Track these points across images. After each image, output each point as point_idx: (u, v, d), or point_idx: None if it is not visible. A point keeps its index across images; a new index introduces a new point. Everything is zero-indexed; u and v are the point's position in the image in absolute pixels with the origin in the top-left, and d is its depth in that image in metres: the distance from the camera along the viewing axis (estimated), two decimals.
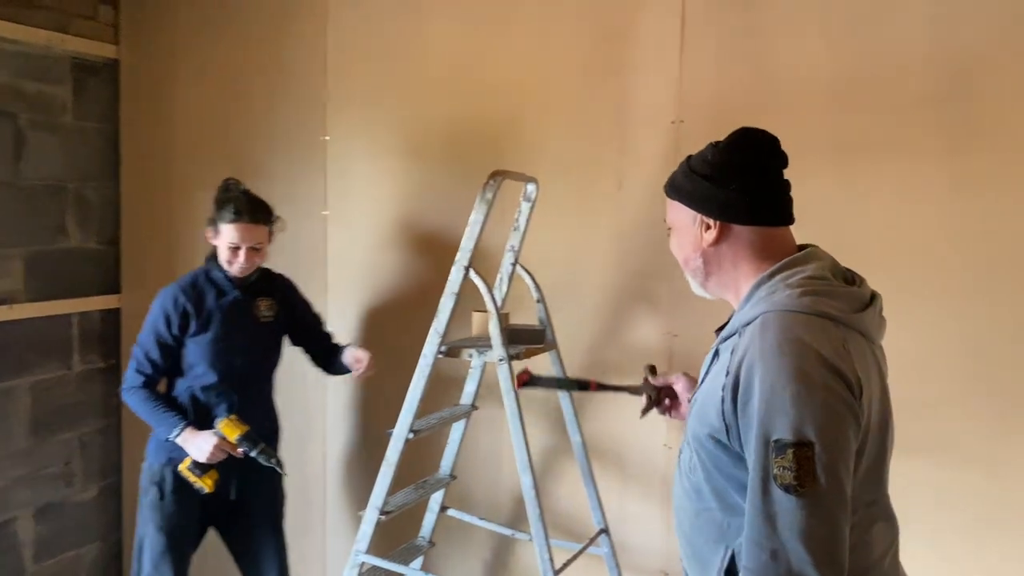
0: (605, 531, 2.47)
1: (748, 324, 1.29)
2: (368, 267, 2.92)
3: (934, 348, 2.16)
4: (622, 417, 2.61)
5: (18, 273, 2.91)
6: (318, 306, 2.81)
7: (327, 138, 2.96)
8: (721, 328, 1.42)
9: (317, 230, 2.98)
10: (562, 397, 2.47)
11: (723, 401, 1.25)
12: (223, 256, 2.46)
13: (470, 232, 2.17)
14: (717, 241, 1.38)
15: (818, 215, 2.26)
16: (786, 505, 1.16)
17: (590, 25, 2.55)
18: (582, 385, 2.01)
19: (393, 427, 2.26)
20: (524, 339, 2.37)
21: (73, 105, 3.08)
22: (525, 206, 2.40)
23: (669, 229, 1.47)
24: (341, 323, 2.95)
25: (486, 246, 2.24)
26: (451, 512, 2.65)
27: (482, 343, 2.28)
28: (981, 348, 2.13)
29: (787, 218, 1.41)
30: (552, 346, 2.44)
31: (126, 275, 3.29)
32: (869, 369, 1.29)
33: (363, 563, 2.32)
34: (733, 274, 1.39)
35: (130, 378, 2.45)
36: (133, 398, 2.44)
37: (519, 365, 2.19)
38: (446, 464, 2.61)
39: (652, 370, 1.82)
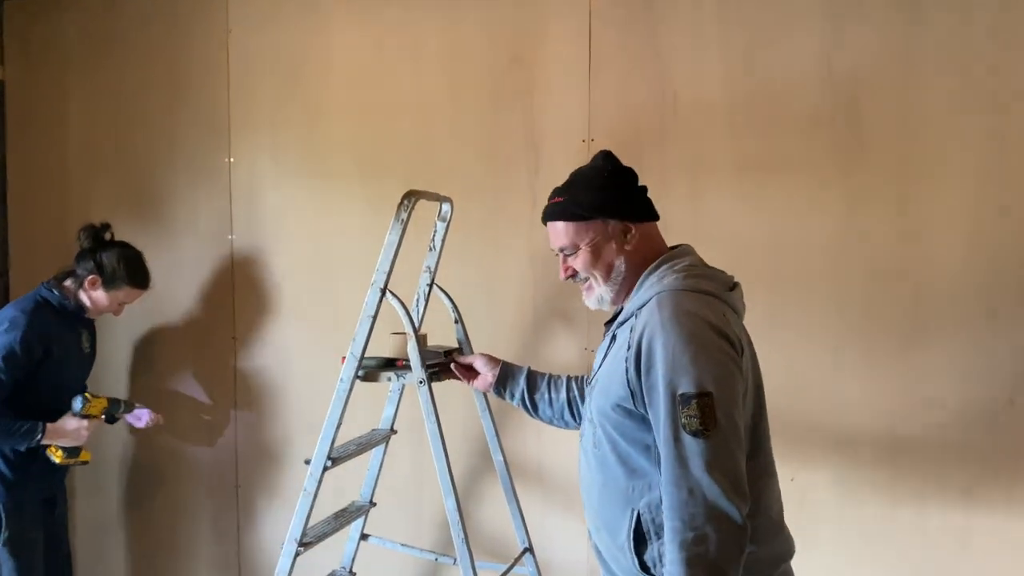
0: (529, 550, 2.46)
1: (643, 306, 1.49)
2: (279, 292, 2.85)
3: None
4: (543, 434, 2.62)
5: None
6: (226, 332, 2.73)
7: (231, 160, 2.88)
8: (610, 321, 1.64)
9: (223, 255, 2.89)
10: (483, 417, 2.46)
11: (627, 371, 1.45)
12: (102, 305, 2.62)
13: (385, 254, 2.14)
14: (637, 242, 1.57)
15: (716, 230, 2.35)
16: (695, 448, 1.35)
17: (499, 48, 2.58)
18: (390, 362, 2.20)
19: (311, 456, 2.20)
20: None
21: None
22: (440, 226, 2.39)
23: (564, 253, 1.61)
24: (251, 360, 2.87)
25: (402, 268, 2.21)
26: (372, 540, 2.59)
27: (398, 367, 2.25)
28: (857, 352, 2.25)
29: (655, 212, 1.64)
30: None
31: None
32: (742, 337, 1.52)
33: None
34: (636, 270, 1.58)
35: None
36: None
37: (439, 386, 2.18)
38: (366, 490, 2.55)
39: (458, 351, 2.26)
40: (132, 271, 2.64)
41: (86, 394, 2.57)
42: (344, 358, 2.19)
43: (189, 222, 2.93)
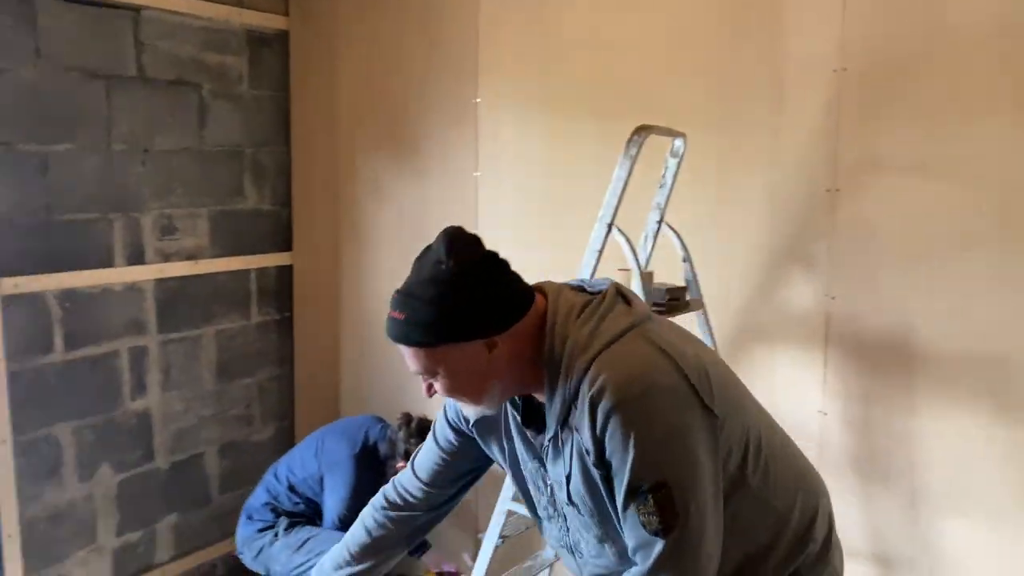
0: None
1: (574, 401, 1.22)
2: (517, 227, 2.97)
3: None
4: (775, 379, 2.53)
5: (204, 231, 3.19)
6: None
7: (478, 100, 3.01)
8: (530, 420, 1.34)
9: (468, 192, 3.06)
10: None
11: (602, 479, 1.23)
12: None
13: (613, 188, 2.15)
14: (509, 354, 1.24)
15: (987, 172, 2.07)
16: (656, 551, 1.19)
17: None
18: None
19: None
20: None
21: (248, 75, 3.32)
22: (672, 162, 2.35)
23: (424, 376, 1.29)
24: None
25: (632, 204, 2.21)
26: None
27: None
28: None
29: (533, 292, 1.31)
30: (699, 306, 2.39)
31: (297, 234, 3.53)
32: (683, 340, 1.30)
33: (509, 510, 2.40)
34: (521, 371, 1.27)
35: None
36: None
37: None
38: None
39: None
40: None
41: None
42: None
43: (439, 161, 3.13)
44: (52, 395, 2.75)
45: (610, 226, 2.17)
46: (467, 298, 1.21)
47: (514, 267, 1.35)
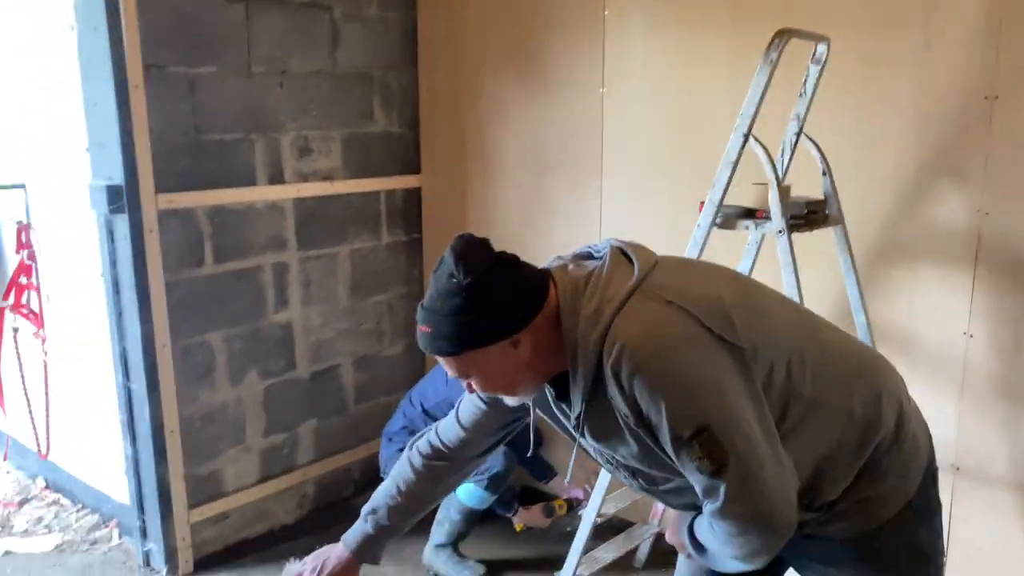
0: None
1: (598, 376, 1.26)
2: (644, 143, 2.92)
3: None
4: (917, 299, 2.42)
5: (337, 153, 3.30)
6: (593, 186, 2.89)
7: (606, 13, 2.95)
8: (564, 396, 1.36)
9: (594, 108, 3.02)
10: (847, 276, 2.33)
11: (643, 434, 1.27)
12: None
13: (751, 97, 2.08)
14: (533, 346, 1.29)
15: None
16: (720, 490, 1.23)
17: None
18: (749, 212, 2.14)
19: None
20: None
21: None
22: (813, 69, 2.24)
23: (465, 380, 1.35)
24: (616, 204, 3.01)
25: (770, 115, 2.13)
26: None
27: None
28: None
29: (547, 281, 1.33)
30: (837, 221, 2.30)
31: (425, 157, 3.59)
32: (692, 280, 1.32)
33: None
34: (549, 357, 1.31)
35: None
36: None
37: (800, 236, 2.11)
38: None
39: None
40: None
41: (558, 504, 3.15)
42: (702, 204, 2.21)
43: (565, 79, 3.09)
44: (204, 305, 2.95)
45: (747, 136, 2.11)
46: (483, 306, 1.26)
47: (641, 186, 1.36)
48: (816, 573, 1.49)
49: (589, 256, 1.39)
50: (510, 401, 1.43)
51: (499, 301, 1.27)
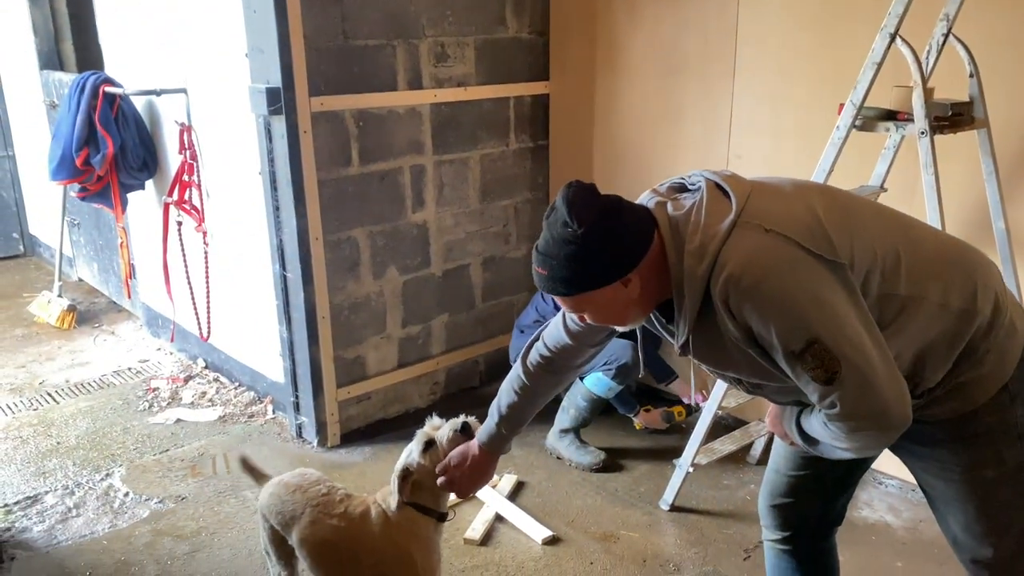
0: None
1: (706, 306, 1.35)
2: (780, 45, 2.90)
3: None
4: None
5: (471, 59, 3.41)
6: (725, 89, 2.90)
7: None
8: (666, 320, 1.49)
9: (730, 8, 3.00)
10: (988, 182, 2.32)
11: (754, 352, 1.37)
12: None
13: None
14: (642, 285, 1.39)
15: None
16: (834, 396, 1.31)
17: None
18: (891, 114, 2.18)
19: None
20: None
21: None
22: None
23: (581, 316, 1.49)
24: (747, 108, 3.02)
25: (916, 13, 2.11)
26: None
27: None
28: None
29: (651, 222, 1.40)
30: (983, 124, 2.28)
31: (553, 63, 3.66)
32: (788, 200, 1.38)
33: None
34: (655, 290, 1.42)
35: None
36: None
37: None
38: None
39: None
40: None
41: (677, 411, 3.32)
42: (841, 106, 2.23)
43: None
44: (350, 203, 3.17)
45: (893, 36, 2.10)
46: (596, 253, 1.36)
47: (774, 90, 1.42)
48: (911, 454, 1.57)
49: (683, 188, 1.48)
50: (620, 328, 1.58)
51: (610, 247, 1.37)
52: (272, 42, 2.86)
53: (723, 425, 3.21)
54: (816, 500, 1.78)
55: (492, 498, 2.87)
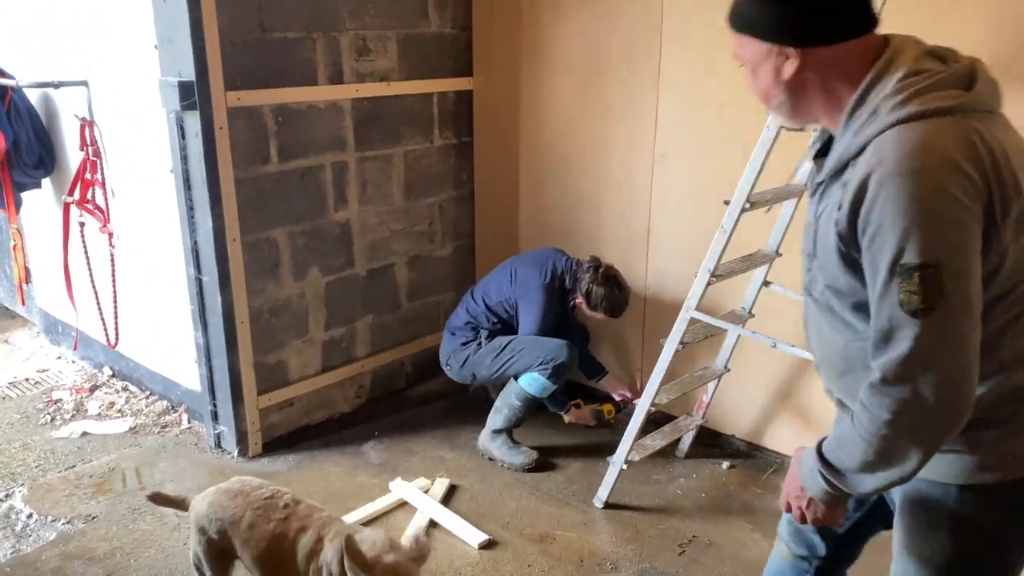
0: None
1: (858, 155, 1.20)
2: (705, 46, 2.93)
3: None
4: None
5: (393, 53, 3.32)
6: (650, 89, 2.92)
7: None
8: (820, 154, 1.33)
9: (654, 9, 3.02)
10: None
11: (839, 238, 1.21)
12: (584, 316, 3.23)
13: None
14: (799, 71, 1.25)
15: None
16: (912, 330, 1.14)
17: None
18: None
19: (731, 198, 2.38)
20: None
21: None
22: None
23: (742, 65, 1.34)
24: (673, 108, 3.05)
25: None
26: (774, 287, 2.77)
27: None
28: None
29: (868, 21, 1.23)
30: None
31: (477, 59, 3.61)
32: (1005, 145, 1.17)
33: (692, 319, 2.55)
34: (822, 100, 1.27)
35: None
36: None
37: None
38: (773, 241, 2.70)
39: None
40: (611, 307, 3.08)
41: (607, 409, 3.33)
42: None
43: None
44: (270, 202, 3.04)
45: None
46: (778, 5, 1.24)
47: (701, 91, 1.38)
48: (909, 513, 1.39)
49: (943, 59, 1.25)
50: (774, 115, 1.37)
51: (796, 9, 1.23)
52: (184, 33, 2.71)
53: (653, 420, 3.23)
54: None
55: (425, 504, 2.81)
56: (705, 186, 3.01)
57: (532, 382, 3.03)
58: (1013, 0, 2.30)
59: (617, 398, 3.36)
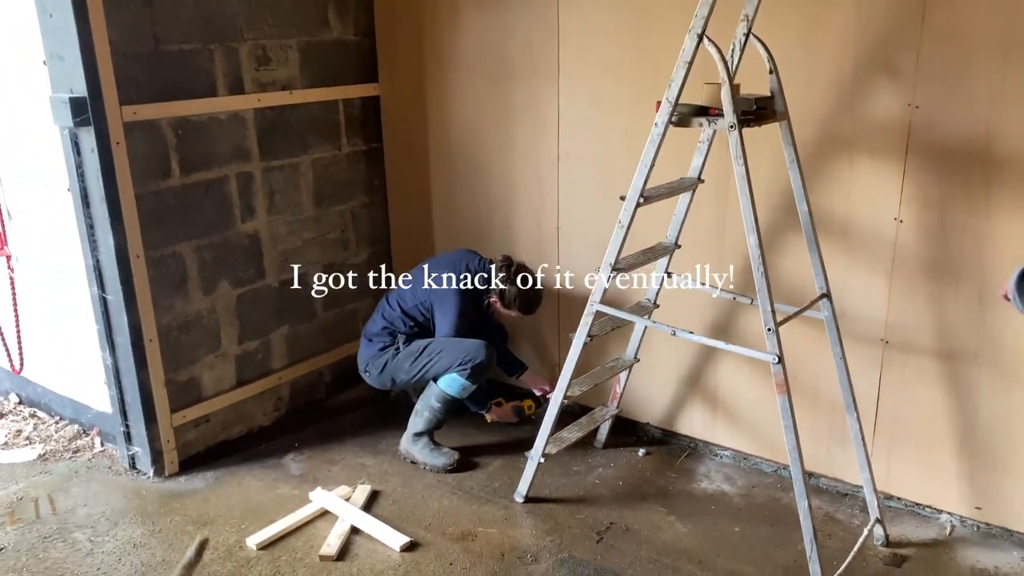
0: (827, 296, 2.57)
1: None
2: (601, 45, 3.01)
3: None
4: (853, 188, 2.63)
5: (294, 62, 3.31)
6: (551, 91, 2.99)
7: None
8: None
9: (551, 14, 3.08)
10: (791, 169, 2.51)
11: None
12: (497, 312, 3.24)
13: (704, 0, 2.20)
14: None
15: None
16: None
17: None
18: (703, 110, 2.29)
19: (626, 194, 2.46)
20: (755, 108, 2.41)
21: None
22: None
23: None
24: (573, 109, 3.12)
25: (720, 14, 2.25)
26: (675, 278, 2.86)
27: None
28: None
29: None
30: (783, 116, 2.46)
31: (382, 65, 3.62)
32: None
33: (597, 312, 2.62)
34: None
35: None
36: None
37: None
38: (672, 233, 2.79)
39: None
40: (524, 304, 3.14)
41: (527, 405, 3.43)
42: (659, 104, 2.35)
43: None
44: (173, 216, 3.00)
45: (701, 37, 2.23)
46: None
47: (598, 91, 1.44)
48: None
49: None
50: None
51: None
52: (73, 49, 2.65)
53: (570, 413, 3.30)
54: None
55: (346, 511, 2.81)
56: (608, 183, 3.10)
57: (451, 383, 3.06)
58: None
59: (538, 393, 3.42)
